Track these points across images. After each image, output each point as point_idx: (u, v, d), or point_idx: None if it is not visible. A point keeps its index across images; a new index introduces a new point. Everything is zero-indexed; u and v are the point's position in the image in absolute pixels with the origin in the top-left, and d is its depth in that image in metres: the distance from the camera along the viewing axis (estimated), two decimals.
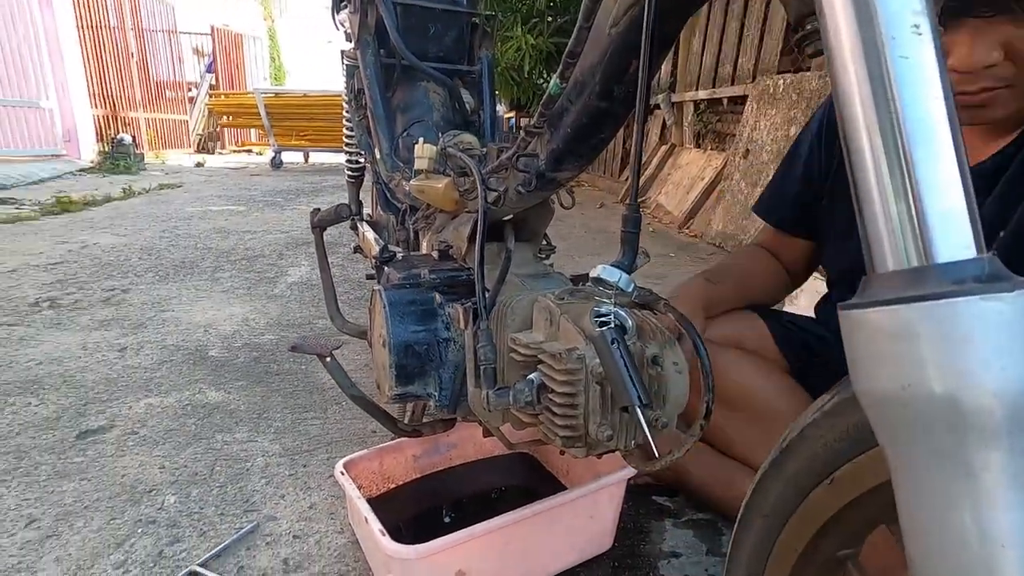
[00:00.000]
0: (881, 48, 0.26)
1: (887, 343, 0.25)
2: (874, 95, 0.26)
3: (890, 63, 0.26)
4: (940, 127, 0.26)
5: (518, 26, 5.00)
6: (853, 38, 0.27)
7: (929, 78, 0.26)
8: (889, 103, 0.26)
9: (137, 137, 6.80)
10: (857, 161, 0.27)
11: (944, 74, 0.26)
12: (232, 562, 0.85)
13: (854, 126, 0.27)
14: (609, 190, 5.10)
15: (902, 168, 0.26)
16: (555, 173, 0.61)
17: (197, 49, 9.44)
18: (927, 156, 0.26)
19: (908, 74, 0.26)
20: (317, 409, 1.29)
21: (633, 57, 0.46)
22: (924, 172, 0.25)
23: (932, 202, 0.25)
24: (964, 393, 0.23)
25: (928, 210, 0.25)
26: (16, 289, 2.04)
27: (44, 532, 0.90)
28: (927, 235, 0.25)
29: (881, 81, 0.26)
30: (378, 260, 0.90)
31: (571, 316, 0.58)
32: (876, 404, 0.27)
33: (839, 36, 0.27)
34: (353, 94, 1.33)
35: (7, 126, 5.53)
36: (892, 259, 0.26)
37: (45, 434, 1.16)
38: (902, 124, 0.26)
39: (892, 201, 0.26)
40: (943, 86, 0.26)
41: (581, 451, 0.56)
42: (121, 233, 3.00)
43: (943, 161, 0.25)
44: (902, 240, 0.26)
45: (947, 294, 0.24)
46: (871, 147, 0.27)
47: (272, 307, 1.95)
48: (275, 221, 3.47)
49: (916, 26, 0.25)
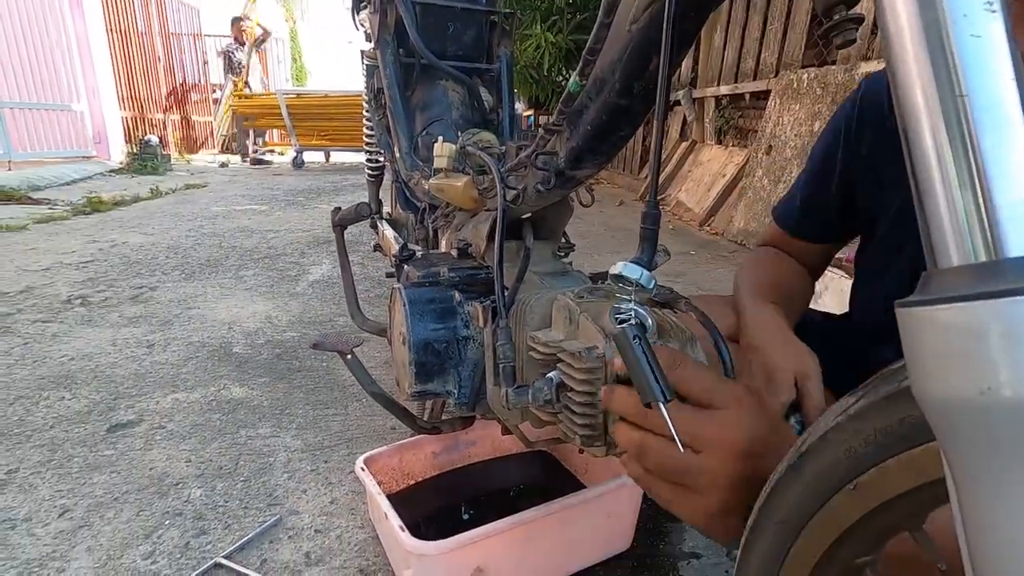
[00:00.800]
0: (948, 27, 0.24)
1: (958, 343, 0.23)
2: (936, 79, 0.25)
3: (957, 44, 0.24)
4: (1012, 111, 0.24)
5: (537, 23, 4.99)
6: (915, 17, 0.25)
7: (1001, 59, 0.24)
8: (954, 86, 0.24)
9: (164, 138, 6.96)
10: (918, 152, 0.26)
11: (1017, 54, 0.24)
12: (255, 555, 0.87)
13: (914, 114, 0.25)
14: (629, 187, 5.06)
15: (969, 157, 0.24)
16: (574, 171, 0.61)
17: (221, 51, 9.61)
18: (997, 143, 0.24)
19: (980, 55, 0.24)
20: (338, 405, 1.31)
21: (654, 53, 0.46)
22: (994, 160, 0.24)
23: (1003, 193, 0.23)
24: None
25: (998, 201, 0.23)
26: (50, 287, 2.10)
27: (76, 522, 0.93)
28: (997, 228, 0.23)
29: (946, 64, 0.24)
30: (398, 258, 0.90)
31: (591, 314, 0.57)
32: (944, 409, 0.25)
33: (898, 18, 0.25)
34: (373, 93, 1.34)
35: (41, 129, 5.71)
36: (957, 254, 0.24)
37: (77, 427, 1.20)
38: (970, 110, 0.24)
39: (958, 192, 0.24)
40: (1016, 67, 0.24)
41: (600, 450, 0.56)
42: (149, 232, 3.08)
43: (1016, 149, 0.24)
44: (969, 234, 0.24)
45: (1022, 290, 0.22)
46: (933, 135, 0.25)
47: (294, 305, 1.98)
48: (296, 220, 3.52)
49: (989, 3, 0.24)
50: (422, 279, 0.77)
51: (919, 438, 0.29)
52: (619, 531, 0.86)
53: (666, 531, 0.93)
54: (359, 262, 2.54)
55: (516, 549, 0.76)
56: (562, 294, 0.62)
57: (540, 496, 0.80)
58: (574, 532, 0.81)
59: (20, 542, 0.88)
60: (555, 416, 0.60)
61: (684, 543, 0.91)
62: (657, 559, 0.87)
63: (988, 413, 0.23)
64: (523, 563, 0.78)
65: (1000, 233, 0.23)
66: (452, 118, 1.20)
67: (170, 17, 7.99)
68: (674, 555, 0.88)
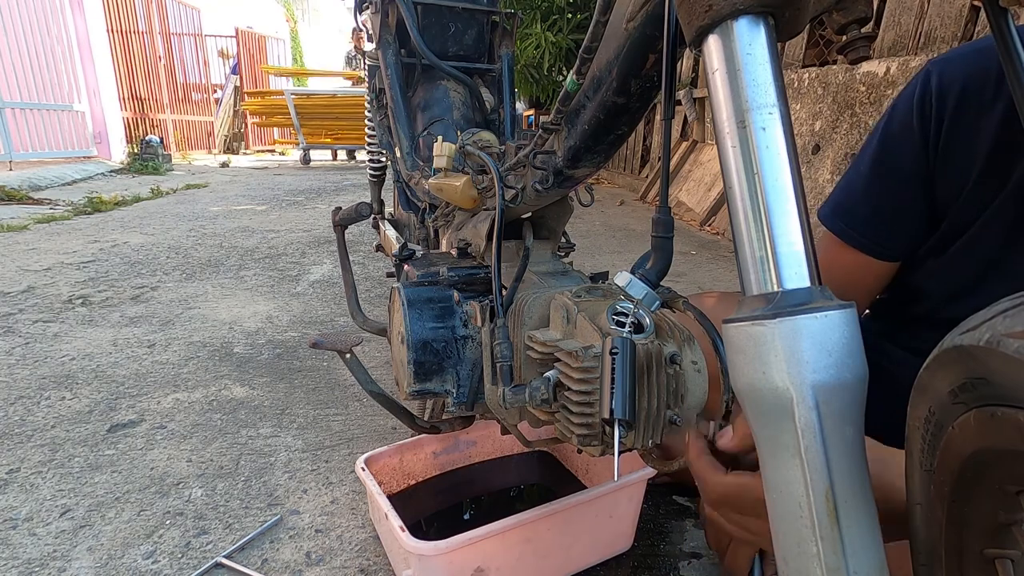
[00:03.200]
0: (749, 120, 0.35)
1: (754, 349, 0.34)
2: (744, 160, 0.36)
3: (754, 134, 0.35)
4: (787, 188, 0.35)
5: (537, 23, 4.99)
6: (730, 119, 0.36)
7: (780, 147, 0.35)
8: (755, 170, 0.35)
9: (164, 138, 6.97)
10: (735, 212, 0.36)
11: (793, 148, 0.35)
12: (256, 554, 0.87)
13: (734, 185, 0.36)
14: (629, 187, 5.06)
15: (761, 218, 0.35)
16: (572, 170, 0.61)
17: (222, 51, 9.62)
18: (780, 210, 0.35)
19: (767, 143, 0.35)
20: (339, 405, 1.31)
21: (650, 52, 0.46)
22: (777, 220, 0.35)
23: (783, 243, 0.34)
24: (793, 385, 0.32)
25: (780, 250, 0.34)
26: (51, 287, 2.11)
27: (78, 522, 0.93)
28: (779, 268, 0.34)
29: (747, 150, 0.35)
30: (397, 258, 0.90)
31: (588, 314, 0.57)
32: (747, 395, 0.35)
33: (721, 113, 0.36)
34: (375, 94, 1.34)
35: (42, 129, 5.71)
36: (756, 286, 0.35)
37: (78, 427, 1.20)
38: (763, 183, 0.35)
39: (756, 243, 0.35)
40: (791, 154, 0.35)
41: (597, 450, 0.56)
42: (150, 232, 3.08)
43: (790, 212, 0.35)
44: (763, 271, 0.35)
45: (788, 313, 0.32)
46: (742, 201, 0.36)
47: (295, 305, 1.98)
48: (297, 220, 3.52)
49: (771, 109, 0.35)
50: (421, 278, 0.77)
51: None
52: (620, 532, 0.86)
53: (667, 531, 0.93)
54: (360, 262, 2.54)
55: (516, 549, 0.76)
56: (560, 293, 0.62)
57: (541, 496, 0.80)
58: (574, 533, 0.81)
59: (21, 542, 0.88)
60: (553, 416, 0.60)
61: (685, 543, 0.91)
62: (658, 559, 0.87)
63: (764, 396, 0.34)
64: (523, 563, 0.78)
65: (781, 272, 0.34)
66: (453, 118, 1.20)
67: (171, 17, 8.00)
68: (675, 555, 0.88)
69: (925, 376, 0.31)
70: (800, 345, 0.32)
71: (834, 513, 0.32)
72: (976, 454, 0.29)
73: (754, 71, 0.35)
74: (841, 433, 0.33)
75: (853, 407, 0.33)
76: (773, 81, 0.35)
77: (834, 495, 0.32)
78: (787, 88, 3.33)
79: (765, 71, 0.35)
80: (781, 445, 0.34)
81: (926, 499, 0.34)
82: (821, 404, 0.32)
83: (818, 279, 0.34)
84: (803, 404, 0.32)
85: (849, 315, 0.33)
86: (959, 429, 0.29)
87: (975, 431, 0.28)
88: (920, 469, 0.34)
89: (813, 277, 0.34)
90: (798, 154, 0.36)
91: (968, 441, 0.29)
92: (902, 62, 2.35)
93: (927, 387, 0.31)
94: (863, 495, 0.33)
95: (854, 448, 0.33)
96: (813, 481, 0.32)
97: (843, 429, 0.33)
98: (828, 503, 0.32)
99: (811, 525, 0.33)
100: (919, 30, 2.42)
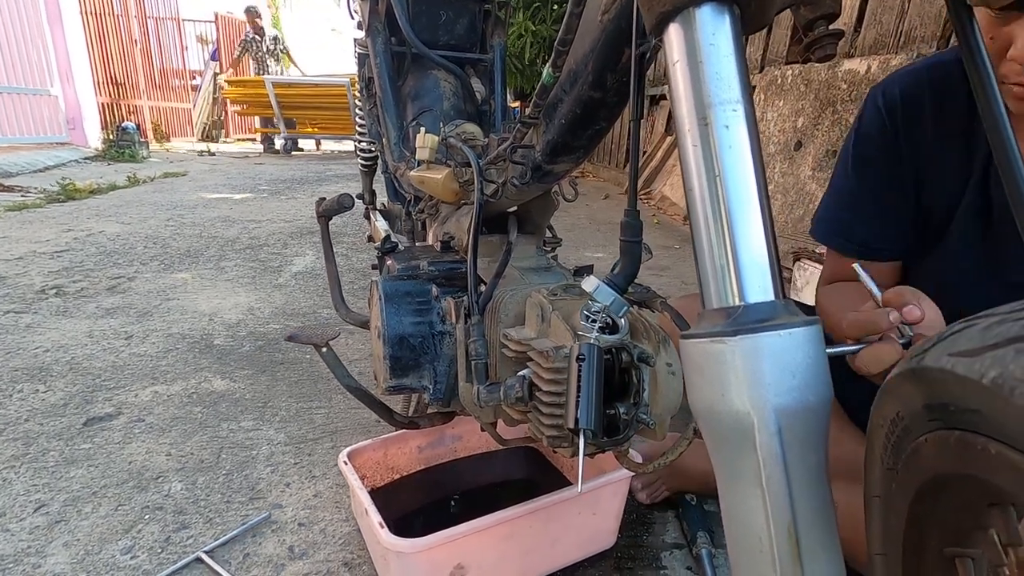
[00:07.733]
0: (712, 117, 0.32)
1: (713, 368, 0.31)
2: (707, 164, 0.33)
3: (716, 133, 0.32)
4: (751, 190, 0.32)
5: (520, 12, 4.93)
6: (691, 115, 0.33)
7: (743, 147, 0.32)
8: (716, 172, 0.32)
9: (141, 125, 6.79)
10: (695, 219, 0.34)
11: (757, 148, 0.32)
12: (238, 549, 0.86)
13: (694, 190, 0.34)
14: (614, 181, 5.07)
15: (723, 225, 0.32)
16: (551, 165, 0.59)
17: (201, 37, 9.38)
18: (742, 216, 0.32)
19: (729, 142, 0.32)
20: (322, 398, 1.30)
21: (625, 46, 0.44)
22: (740, 228, 0.32)
23: (746, 253, 0.32)
24: (754, 409, 0.30)
25: (742, 260, 0.32)
26: (23, 276, 2.05)
27: (53, 518, 0.91)
28: (741, 280, 0.32)
29: (709, 150, 0.33)
30: (380, 250, 0.89)
31: (563, 313, 0.57)
32: (704, 416, 0.33)
33: (681, 108, 0.34)
34: (364, 82, 1.32)
35: (12, 114, 5.53)
36: (716, 298, 0.33)
37: (53, 420, 1.17)
38: (724, 188, 0.32)
39: (717, 252, 0.33)
40: (755, 157, 0.32)
41: (568, 451, 0.55)
42: (126, 221, 3.01)
43: (754, 220, 0.32)
44: (724, 283, 0.32)
45: (750, 329, 0.30)
46: (703, 207, 0.33)
47: (277, 296, 1.96)
48: (279, 209, 3.47)
49: (734, 106, 0.32)
50: (401, 272, 0.76)
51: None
52: (604, 528, 0.86)
53: (651, 522, 0.94)
54: (344, 253, 2.52)
55: (497, 546, 0.76)
56: (536, 291, 0.62)
57: (526, 492, 0.80)
58: (557, 529, 0.81)
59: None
60: (526, 415, 0.59)
61: (667, 533, 0.92)
62: (641, 550, 0.88)
63: (723, 420, 0.31)
64: (504, 561, 0.77)
65: (743, 284, 0.32)
66: (443, 109, 1.18)
67: (147, 0, 7.78)
68: (657, 546, 0.89)
69: (895, 381, 0.30)
70: (762, 365, 0.30)
71: (796, 549, 0.30)
72: (949, 473, 0.28)
73: (717, 64, 0.32)
74: (805, 462, 0.30)
75: (818, 432, 0.31)
76: (737, 75, 0.33)
77: (796, 530, 0.30)
78: (771, 84, 3.33)
79: (729, 64, 0.32)
80: (741, 473, 0.31)
81: (885, 493, 0.33)
82: (784, 430, 0.30)
83: (783, 292, 0.32)
84: (765, 430, 0.30)
85: (814, 332, 0.31)
86: (933, 446, 0.28)
87: (954, 453, 0.26)
88: (881, 464, 0.33)
89: (777, 290, 0.32)
90: (763, 155, 0.33)
91: (945, 460, 0.27)
92: (883, 60, 2.39)
93: (897, 391, 0.30)
94: (827, 530, 0.31)
95: (818, 478, 0.31)
96: (775, 514, 0.30)
97: (807, 457, 0.30)
98: (790, 538, 0.30)
99: (771, 561, 0.30)
100: (900, 29, 2.45)
